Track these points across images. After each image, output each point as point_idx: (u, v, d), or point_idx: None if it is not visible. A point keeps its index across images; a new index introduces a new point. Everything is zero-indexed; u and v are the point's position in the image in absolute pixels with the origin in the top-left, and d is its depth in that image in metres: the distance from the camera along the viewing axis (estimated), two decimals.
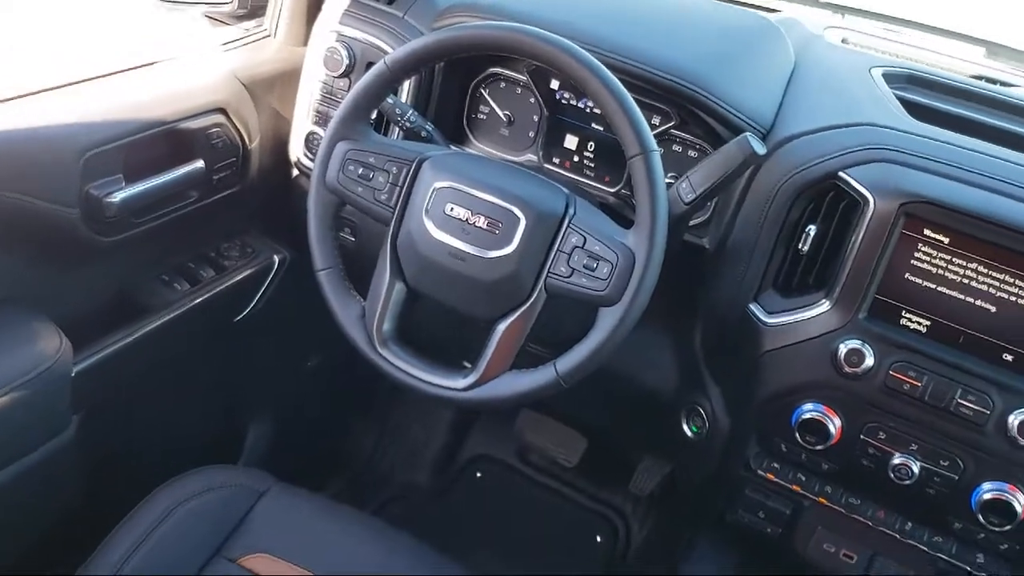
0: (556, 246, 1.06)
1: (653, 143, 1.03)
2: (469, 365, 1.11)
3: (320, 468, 1.92)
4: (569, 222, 1.06)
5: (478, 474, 1.98)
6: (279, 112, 1.48)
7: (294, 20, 1.48)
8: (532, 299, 1.07)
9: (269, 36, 1.50)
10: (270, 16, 1.50)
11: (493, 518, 1.92)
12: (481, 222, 1.07)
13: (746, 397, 1.22)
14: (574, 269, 1.05)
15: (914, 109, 1.20)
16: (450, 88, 1.36)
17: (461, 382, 1.10)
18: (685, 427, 1.32)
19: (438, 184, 1.09)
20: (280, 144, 1.48)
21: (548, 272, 1.06)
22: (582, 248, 1.05)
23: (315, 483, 1.80)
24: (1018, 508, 1.08)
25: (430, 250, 1.09)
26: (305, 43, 1.44)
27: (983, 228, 1.04)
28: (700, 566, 1.38)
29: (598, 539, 1.87)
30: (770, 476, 1.25)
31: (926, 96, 1.27)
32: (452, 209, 1.08)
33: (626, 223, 1.06)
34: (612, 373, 1.32)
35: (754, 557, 1.42)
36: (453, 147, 1.31)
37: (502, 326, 1.08)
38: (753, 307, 1.19)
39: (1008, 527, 1.09)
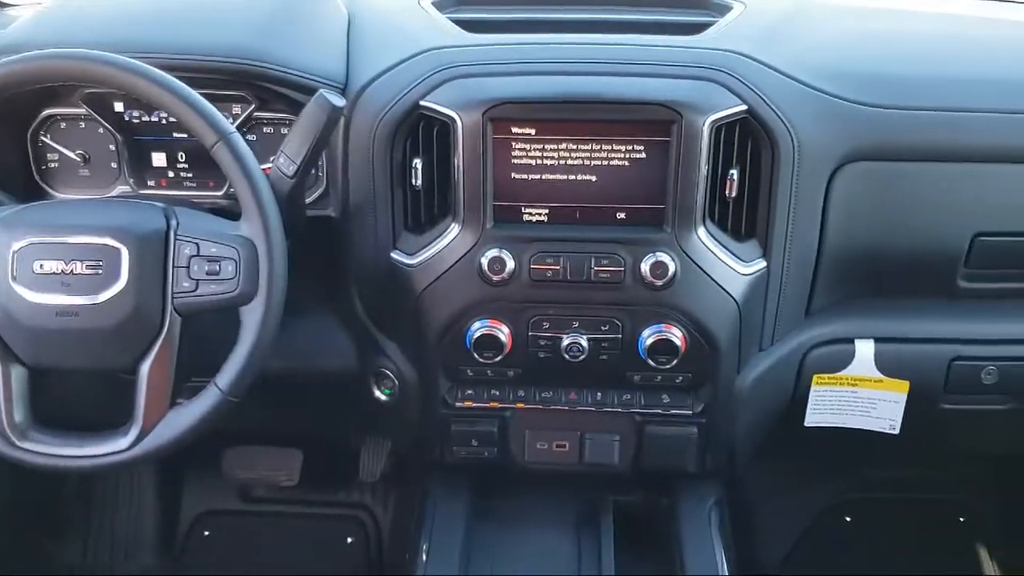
0: (171, 263, 1.00)
1: (228, 126, 1.00)
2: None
3: None
4: (175, 234, 1.01)
5: (206, 533, 1.86)
6: None
7: None
8: (166, 327, 1.01)
9: None
10: None
11: (240, 569, 1.81)
12: (80, 268, 0.99)
13: (421, 340, 1.24)
14: (198, 280, 1.00)
15: (468, 26, 1.26)
16: (2, 145, 1.23)
17: (123, 441, 1.02)
18: (378, 393, 1.32)
19: (16, 245, 0.99)
20: None
21: (172, 294, 1.00)
22: (198, 256, 1.00)
23: None
24: (677, 342, 1.19)
25: (33, 318, 0.99)
26: None
27: (556, 109, 1.12)
28: (442, 517, 1.39)
29: (349, 540, 1.84)
30: (468, 404, 1.29)
31: (477, 11, 1.34)
32: (41, 266, 0.99)
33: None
34: (292, 372, 1.28)
35: (490, 484, 1.46)
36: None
37: (145, 367, 1.01)
38: (395, 255, 1.20)
39: (676, 361, 1.20)
